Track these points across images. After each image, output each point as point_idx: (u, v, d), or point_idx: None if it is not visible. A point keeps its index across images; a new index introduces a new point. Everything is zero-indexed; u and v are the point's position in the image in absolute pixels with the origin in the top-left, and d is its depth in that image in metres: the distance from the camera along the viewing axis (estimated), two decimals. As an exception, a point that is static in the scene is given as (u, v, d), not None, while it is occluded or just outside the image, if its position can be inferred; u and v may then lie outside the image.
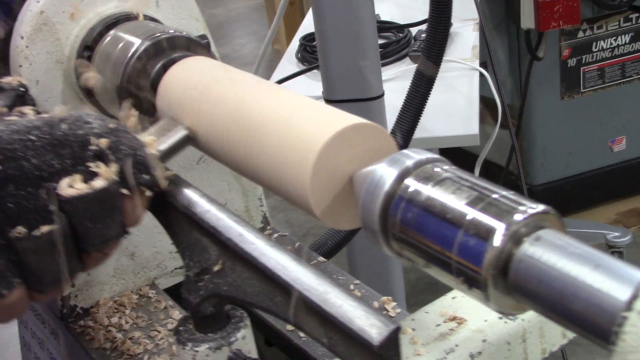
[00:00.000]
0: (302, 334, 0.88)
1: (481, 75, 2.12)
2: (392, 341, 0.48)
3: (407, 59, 2.18)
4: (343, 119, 0.59)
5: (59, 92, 0.87)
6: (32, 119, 0.60)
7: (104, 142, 0.60)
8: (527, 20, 2.84)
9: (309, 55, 2.19)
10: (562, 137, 3.16)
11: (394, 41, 2.25)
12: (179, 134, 0.71)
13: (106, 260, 0.64)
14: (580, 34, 3.16)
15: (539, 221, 0.46)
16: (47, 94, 0.87)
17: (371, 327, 0.48)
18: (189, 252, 0.65)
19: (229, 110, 0.66)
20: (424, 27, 2.23)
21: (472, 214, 0.47)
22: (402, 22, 2.36)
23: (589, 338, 0.41)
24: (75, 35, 0.86)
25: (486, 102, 2.35)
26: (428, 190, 0.51)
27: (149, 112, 0.79)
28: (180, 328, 0.66)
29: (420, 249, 0.50)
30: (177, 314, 0.94)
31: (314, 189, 0.58)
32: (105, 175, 0.59)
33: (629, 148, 3.30)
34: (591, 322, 0.40)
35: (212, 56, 0.82)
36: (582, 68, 3.21)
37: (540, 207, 0.46)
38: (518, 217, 0.46)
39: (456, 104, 1.90)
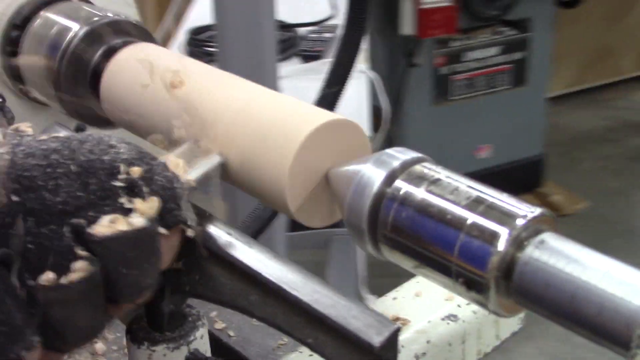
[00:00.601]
0: (232, 333, 0.87)
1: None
2: (392, 342, 0.48)
3: (294, 59, 2.19)
4: (322, 114, 0.59)
5: (-19, 72, 0.82)
6: (44, 139, 0.49)
7: (136, 172, 0.50)
8: (407, 26, 2.92)
9: (198, 50, 2.16)
10: (431, 143, 3.26)
11: (281, 40, 2.25)
12: (211, 162, 0.60)
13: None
14: (452, 44, 3.27)
15: (538, 224, 0.47)
16: (-33, 79, 0.81)
17: (369, 328, 0.48)
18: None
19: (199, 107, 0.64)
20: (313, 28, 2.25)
21: (472, 217, 0.48)
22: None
23: (602, 343, 0.42)
24: (1, 13, 0.81)
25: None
26: (422, 193, 0.51)
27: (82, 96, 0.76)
28: (133, 326, 0.63)
29: (413, 250, 0.51)
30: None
31: (291, 185, 0.57)
32: (143, 211, 0.49)
33: (494, 155, 3.45)
34: (606, 327, 0.42)
35: (155, 42, 0.79)
36: (452, 77, 3.32)
37: (538, 211, 0.47)
38: (520, 221, 0.47)
39: (345, 109, 1.91)
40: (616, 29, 4.39)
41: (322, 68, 1.97)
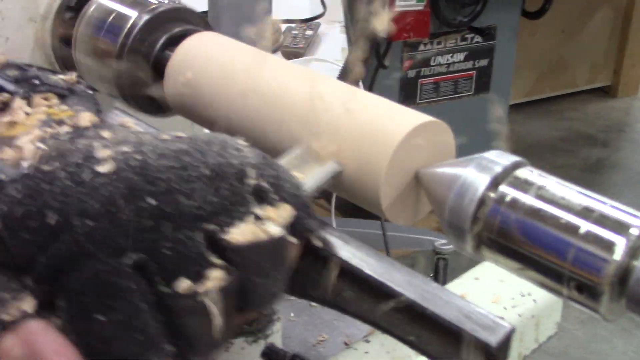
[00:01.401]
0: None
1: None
2: (507, 342, 0.49)
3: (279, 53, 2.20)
4: (414, 115, 0.60)
5: (28, 53, 0.80)
6: (167, 139, 0.48)
7: (266, 177, 0.49)
8: (379, 28, 2.93)
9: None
10: (397, 144, 3.27)
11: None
12: (329, 169, 0.59)
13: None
14: (421, 48, 3.31)
15: (651, 234, 0.49)
16: (16, 54, 0.79)
17: (485, 328, 0.49)
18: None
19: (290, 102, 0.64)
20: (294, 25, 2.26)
21: (587, 225, 0.49)
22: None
23: None
24: (54, -7, 0.80)
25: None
26: (531, 199, 0.52)
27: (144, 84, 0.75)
28: (209, 318, 0.63)
29: (520, 254, 0.52)
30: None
31: (384, 185, 0.58)
32: (276, 219, 0.48)
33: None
34: None
35: (213, 30, 0.79)
36: (420, 80, 3.36)
37: (650, 220, 0.49)
38: (635, 231, 0.48)
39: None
40: (572, 42, 4.50)
41: (305, 65, 1.98)
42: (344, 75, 1.31)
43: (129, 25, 0.74)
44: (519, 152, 0.56)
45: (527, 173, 0.54)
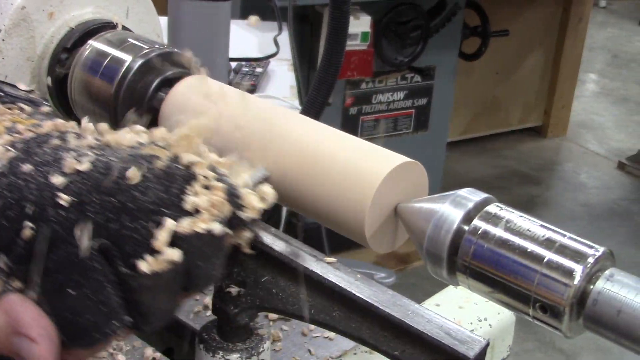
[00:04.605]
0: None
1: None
2: (482, 355, 0.56)
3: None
4: (392, 156, 0.67)
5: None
6: (126, 145, 0.58)
7: (211, 177, 0.58)
8: (324, 66, 3.02)
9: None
10: (339, 179, 3.35)
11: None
12: (259, 174, 0.67)
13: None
14: (363, 86, 3.42)
15: (604, 261, 0.57)
16: (13, 91, 0.84)
17: (463, 343, 0.57)
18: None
19: (285, 145, 0.70)
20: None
21: (549, 255, 0.57)
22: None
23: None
24: (51, 35, 0.85)
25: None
26: (501, 232, 0.60)
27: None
28: (205, 336, 0.68)
29: (492, 279, 0.59)
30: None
31: (368, 219, 0.65)
32: (217, 214, 0.57)
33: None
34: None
35: (202, 73, 0.85)
36: (361, 117, 3.46)
37: (602, 249, 0.57)
38: (590, 259, 0.56)
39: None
40: (505, 83, 4.67)
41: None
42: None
43: (124, 68, 0.80)
44: (456, 188, 0.65)
45: (496, 209, 0.62)
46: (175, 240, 0.54)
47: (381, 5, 3.21)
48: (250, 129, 0.73)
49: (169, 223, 0.54)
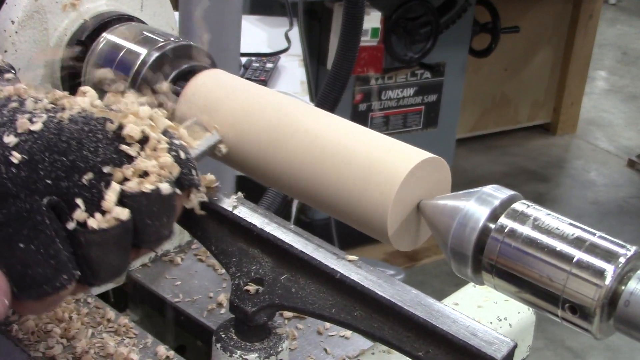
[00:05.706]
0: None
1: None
2: (510, 357, 0.55)
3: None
4: (417, 152, 0.65)
5: (38, 82, 0.84)
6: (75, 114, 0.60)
7: (163, 140, 0.61)
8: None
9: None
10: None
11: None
12: (212, 139, 0.72)
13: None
14: (372, 82, 3.40)
15: (635, 260, 0.55)
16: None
17: (490, 344, 0.55)
18: (234, 262, 0.67)
19: (290, 135, 0.69)
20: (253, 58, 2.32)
21: (579, 254, 0.56)
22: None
23: None
24: (64, 27, 0.84)
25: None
26: (528, 230, 0.58)
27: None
28: (222, 335, 0.67)
29: (518, 278, 0.58)
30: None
31: (391, 215, 0.63)
32: (165, 174, 0.60)
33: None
34: None
35: (217, 66, 0.83)
36: (370, 113, 3.44)
37: (633, 249, 0.56)
38: (622, 259, 0.55)
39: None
40: (514, 80, 4.64)
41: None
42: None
43: (139, 61, 0.79)
44: (463, 186, 0.63)
45: (523, 206, 0.61)
46: (124, 198, 0.58)
47: (391, 1, 3.19)
48: (267, 122, 0.71)
49: (117, 181, 0.58)
